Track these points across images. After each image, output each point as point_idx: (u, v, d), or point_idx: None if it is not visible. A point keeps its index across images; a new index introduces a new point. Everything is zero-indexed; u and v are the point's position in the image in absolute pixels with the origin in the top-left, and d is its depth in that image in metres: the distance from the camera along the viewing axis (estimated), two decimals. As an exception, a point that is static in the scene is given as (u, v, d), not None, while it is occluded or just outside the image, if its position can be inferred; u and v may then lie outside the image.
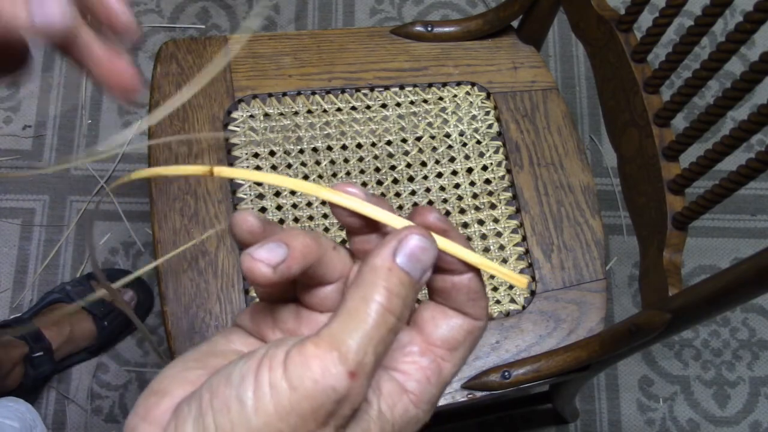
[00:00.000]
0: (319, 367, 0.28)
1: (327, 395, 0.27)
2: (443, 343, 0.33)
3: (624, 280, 1.29)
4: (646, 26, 0.73)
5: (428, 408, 0.32)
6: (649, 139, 0.73)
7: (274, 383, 0.28)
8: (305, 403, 0.27)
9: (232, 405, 0.28)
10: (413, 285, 0.30)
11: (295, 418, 0.27)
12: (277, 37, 0.89)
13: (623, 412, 1.22)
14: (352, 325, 0.29)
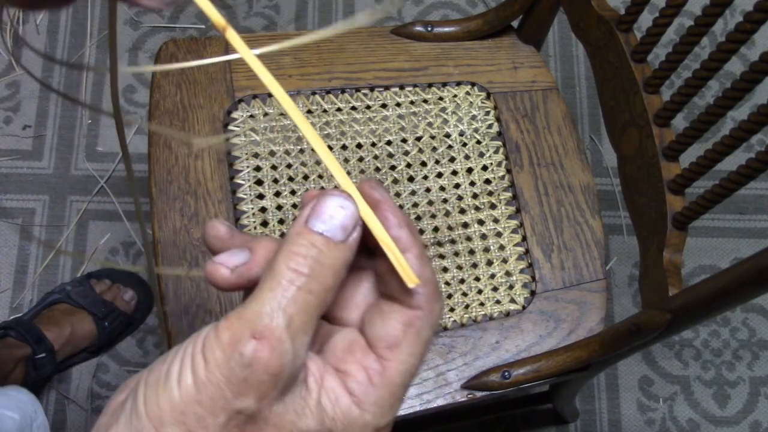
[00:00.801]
0: (227, 337, 0.28)
1: (235, 361, 0.28)
2: (382, 342, 0.31)
3: (624, 280, 1.29)
4: (646, 26, 0.73)
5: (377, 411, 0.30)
6: (649, 139, 0.73)
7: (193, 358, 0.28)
8: (217, 372, 0.28)
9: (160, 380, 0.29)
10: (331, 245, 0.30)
11: (211, 388, 0.28)
12: (277, 37, 0.89)
13: (623, 412, 1.22)
14: (259, 295, 0.29)
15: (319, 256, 0.29)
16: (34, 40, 1.38)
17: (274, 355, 0.28)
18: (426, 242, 0.82)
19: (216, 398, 0.28)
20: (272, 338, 0.28)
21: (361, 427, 0.30)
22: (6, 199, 1.29)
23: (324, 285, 0.29)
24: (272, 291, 0.29)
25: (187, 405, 0.28)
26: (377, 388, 0.30)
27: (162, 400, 0.28)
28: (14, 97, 1.35)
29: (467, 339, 0.79)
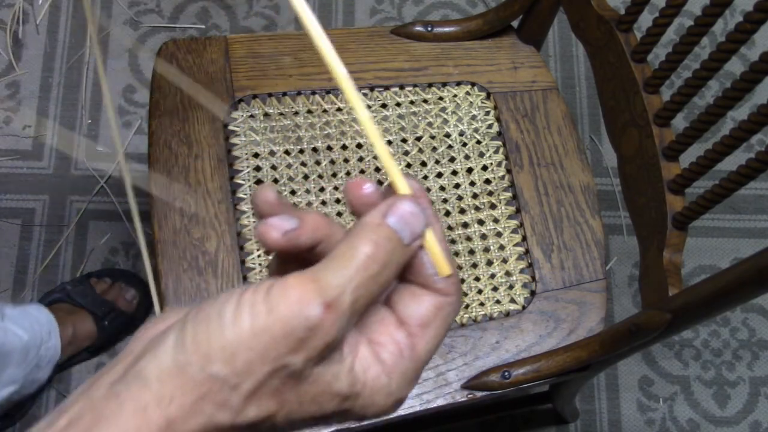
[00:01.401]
0: (297, 295, 0.29)
1: (299, 321, 0.29)
2: (414, 321, 0.34)
3: (624, 280, 1.29)
4: (646, 26, 0.73)
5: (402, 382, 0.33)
6: (649, 139, 0.73)
7: (253, 304, 0.30)
8: (279, 325, 0.29)
9: (212, 318, 0.30)
10: (400, 244, 0.32)
11: (267, 338, 0.29)
12: (277, 37, 0.89)
13: (623, 412, 1.22)
14: (335, 266, 0.31)
15: (392, 253, 0.32)
16: (34, 40, 1.38)
17: (335, 326, 0.30)
18: (426, 242, 0.82)
19: (269, 348, 0.29)
20: (339, 311, 0.30)
21: (385, 395, 0.33)
22: (6, 199, 1.29)
23: (387, 278, 0.32)
24: (347, 269, 0.31)
25: (238, 347, 0.29)
26: (405, 361, 0.33)
27: (213, 338, 0.29)
28: (14, 97, 1.35)
29: (467, 339, 0.79)
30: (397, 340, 0.34)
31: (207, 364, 0.29)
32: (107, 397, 0.30)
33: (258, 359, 0.29)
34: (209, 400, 0.30)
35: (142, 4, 1.41)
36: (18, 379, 0.95)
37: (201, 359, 0.29)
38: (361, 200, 0.35)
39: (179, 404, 0.29)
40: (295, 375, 0.30)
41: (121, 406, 0.29)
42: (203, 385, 0.30)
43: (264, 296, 0.30)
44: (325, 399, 0.32)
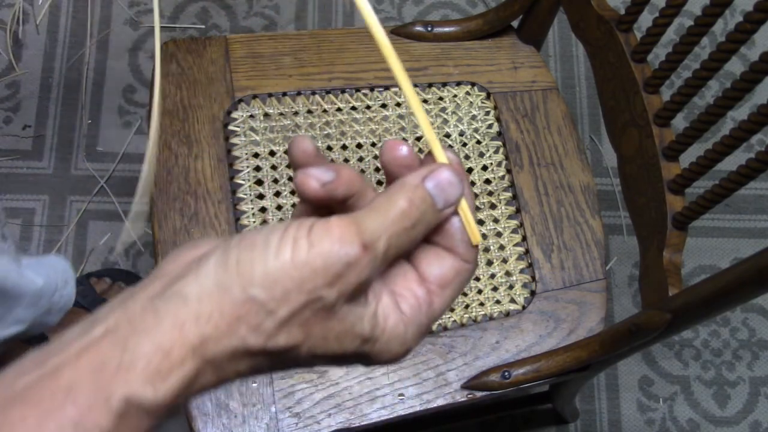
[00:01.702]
0: (338, 234, 0.32)
1: (339, 257, 0.32)
2: (435, 279, 0.36)
3: (624, 280, 1.29)
4: (646, 26, 0.73)
5: (416, 333, 0.36)
6: (649, 139, 0.73)
7: (297, 238, 0.32)
8: (319, 259, 0.31)
9: (257, 245, 0.32)
10: (433, 208, 0.35)
11: (307, 270, 0.31)
12: (277, 37, 0.89)
13: (623, 412, 1.22)
14: (374, 215, 0.33)
15: (424, 213, 0.35)
16: (34, 40, 1.38)
17: (369, 266, 0.33)
18: (426, 242, 0.82)
19: (307, 280, 0.31)
20: (374, 253, 0.33)
21: (400, 343, 0.35)
22: (6, 199, 1.29)
23: (416, 235, 0.35)
24: (385, 219, 0.33)
25: (279, 275, 0.31)
26: (422, 315, 0.36)
27: (256, 263, 0.31)
28: (14, 97, 1.35)
29: (467, 339, 0.79)
30: (417, 294, 0.36)
31: (248, 287, 0.31)
32: (145, 310, 0.31)
33: (296, 289, 0.31)
34: (245, 322, 0.31)
35: (142, 4, 1.41)
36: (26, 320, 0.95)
37: (243, 281, 0.31)
38: (396, 161, 0.37)
39: (215, 324, 0.31)
40: (326, 308, 0.32)
41: (159, 321, 0.31)
42: (242, 307, 0.31)
43: (307, 232, 0.32)
44: (347, 338, 0.34)
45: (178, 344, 0.31)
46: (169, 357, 0.31)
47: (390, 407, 0.76)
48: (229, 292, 0.31)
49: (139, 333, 0.31)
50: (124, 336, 0.31)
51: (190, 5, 1.41)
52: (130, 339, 0.31)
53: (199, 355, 0.31)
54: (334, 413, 0.75)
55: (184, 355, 0.31)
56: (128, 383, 0.30)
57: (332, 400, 0.76)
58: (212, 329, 0.31)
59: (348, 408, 0.75)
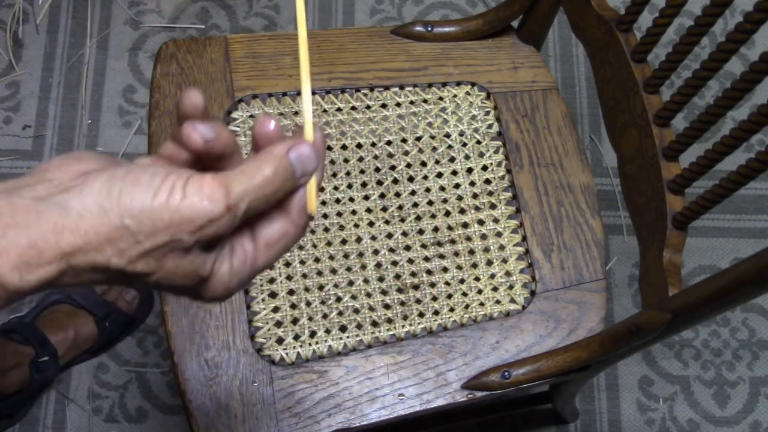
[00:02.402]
0: (208, 192, 0.37)
1: (204, 212, 0.37)
2: (263, 239, 0.42)
3: (624, 280, 1.29)
4: (646, 26, 0.73)
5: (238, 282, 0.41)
6: (649, 139, 0.73)
7: (174, 186, 0.37)
8: (188, 210, 0.37)
9: (141, 183, 0.37)
10: (292, 176, 0.41)
11: (177, 216, 0.36)
12: (277, 37, 0.89)
13: (623, 412, 1.22)
14: (242, 179, 0.38)
15: (285, 180, 0.40)
16: (34, 40, 1.38)
17: (228, 224, 0.38)
18: (426, 242, 0.82)
19: (174, 224, 0.37)
20: (235, 214, 0.38)
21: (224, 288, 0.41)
22: None
23: (273, 199, 0.40)
24: (250, 184, 0.38)
25: (152, 214, 0.36)
26: (246, 269, 0.41)
27: (136, 199, 0.36)
28: (14, 97, 1.35)
29: (467, 339, 0.79)
30: (246, 250, 0.41)
31: (125, 216, 0.36)
32: (27, 209, 0.36)
33: (163, 228, 0.36)
34: (113, 245, 0.36)
35: (142, 4, 1.41)
36: None
37: (121, 211, 0.36)
38: (263, 134, 0.42)
39: (89, 240, 0.36)
40: (182, 249, 0.38)
41: (39, 222, 0.35)
42: (115, 232, 0.36)
43: (183, 183, 0.37)
44: (190, 276, 0.39)
45: (52, 247, 0.35)
46: (40, 255, 0.35)
47: (390, 407, 0.76)
48: (107, 216, 0.36)
49: (19, 227, 0.35)
50: (4, 224, 0.35)
51: (190, 5, 1.41)
52: (11, 229, 0.35)
53: (65, 261, 0.36)
54: (334, 413, 0.75)
55: (53, 257, 0.35)
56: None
57: (332, 400, 0.76)
58: (84, 243, 0.36)
59: (348, 408, 0.76)
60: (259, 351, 0.77)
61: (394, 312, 0.80)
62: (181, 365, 0.75)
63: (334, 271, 0.80)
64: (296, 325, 0.78)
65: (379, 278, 0.81)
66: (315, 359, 0.77)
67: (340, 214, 0.83)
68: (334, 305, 0.79)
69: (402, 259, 0.81)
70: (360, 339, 0.78)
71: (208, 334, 0.77)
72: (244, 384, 0.75)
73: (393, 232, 0.82)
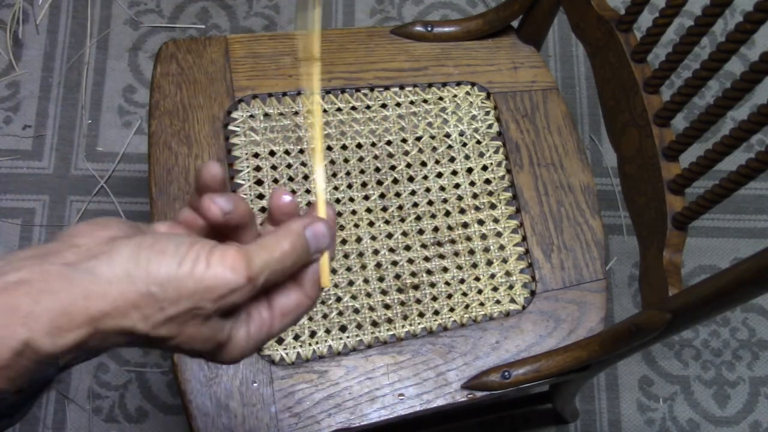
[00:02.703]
0: (231, 263, 0.39)
1: (226, 282, 0.39)
2: (279, 308, 0.44)
3: (624, 280, 1.29)
4: (646, 26, 0.73)
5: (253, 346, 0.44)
6: (649, 139, 0.73)
7: (199, 256, 0.39)
8: (212, 279, 0.39)
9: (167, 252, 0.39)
10: (307, 252, 0.43)
11: (201, 285, 0.39)
12: (277, 37, 0.89)
13: (623, 412, 1.22)
14: (262, 252, 0.41)
15: (301, 255, 0.43)
16: (34, 40, 1.38)
17: (247, 294, 0.40)
18: (426, 242, 0.82)
19: (197, 292, 0.39)
20: (254, 284, 0.40)
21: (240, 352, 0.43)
22: (6, 199, 1.29)
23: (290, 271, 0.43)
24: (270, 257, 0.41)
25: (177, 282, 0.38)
26: (262, 335, 0.44)
27: (163, 267, 0.38)
28: (14, 97, 1.35)
29: (467, 339, 0.79)
30: (263, 317, 0.44)
31: (151, 284, 0.38)
32: (59, 275, 0.37)
33: (187, 296, 0.38)
34: (139, 311, 0.38)
35: (142, 4, 1.41)
36: None
37: (148, 279, 0.38)
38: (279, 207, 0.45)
39: (116, 305, 0.38)
40: (203, 316, 0.40)
41: (70, 288, 0.37)
42: (141, 298, 0.38)
43: (207, 254, 0.39)
44: (209, 342, 0.41)
45: (82, 312, 0.37)
46: (71, 320, 0.37)
47: (390, 407, 0.76)
48: (134, 283, 0.38)
49: (51, 292, 0.37)
50: (38, 290, 0.36)
51: (190, 5, 1.41)
52: (43, 295, 0.36)
53: (94, 326, 0.37)
54: (334, 413, 0.75)
55: (83, 322, 0.37)
56: (32, 331, 0.36)
57: (332, 400, 0.76)
58: (112, 308, 0.38)
59: (348, 408, 0.76)
60: (259, 351, 0.77)
61: (394, 312, 0.80)
62: (181, 365, 0.75)
63: (333, 271, 0.80)
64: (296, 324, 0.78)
65: (379, 278, 0.81)
66: (315, 359, 0.77)
67: (340, 214, 0.83)
68: (334, 305, 0.79)
69: (402, 259, 0.81)
70: (360, 339, 0.78)
71: (208, 334, 0.76)
72: (244, 384, 0.75)
73: (393, 232, 0.82)
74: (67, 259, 0.38)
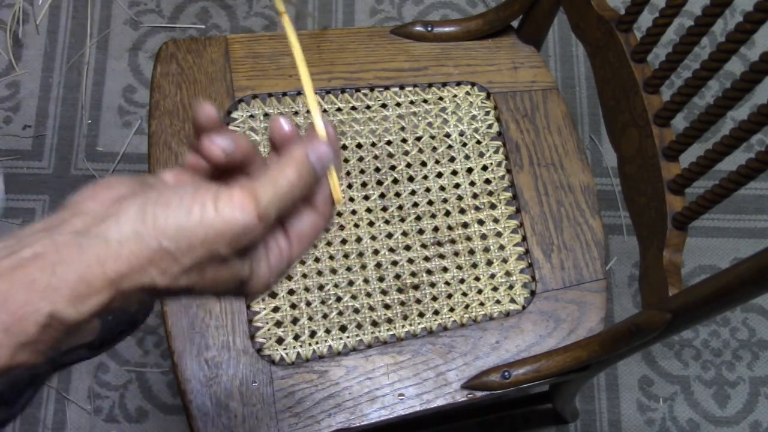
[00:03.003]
0: (239, 204, 0.39)
1: (238, 223, 0.39)
2: (295, 234, 0.44)
3: (624, 280, 1.29)
4: (646, 26, 0.73)
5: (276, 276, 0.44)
6: (649, 139, 0.73)
7: (205, 204, 0.39)
8: (222, 223, 0.38)
9: (172, 204, 0.38)
10: (314, 175, 0.43)
11: (212, 231, 0.38)
12: (277, 37, 0.89)
13: (623, 412, 1.22)
14: (269, 187, 0.40)
15: (308, 180, 0.42)
16: (34, 40, 1.38)
17: (261, 231, 0.40)
18: (426, 242, 0.82)
19: (210, 239, 0.38)
20: (266, 221, 0.40)
21: (263, 284, 0.44)
22: (6, 199, 1.29)
23: (300, 198, 0.43)
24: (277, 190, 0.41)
25: (187, 232, 0.38)
26: (282, 263, 0.44)
27: (170, 220, 0.38)
28: (14, 97, 1.35)
29: (467, 339, 0.79)
30: (281, 246, 0.44)
31: (162, 239, 0.38)
32: (70, 244, 0.37)
33: (199, 244, 0.38)
34: (155, 266, 0.38)
35: (142, 4, 1.41)
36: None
37: (158, 234, 0.38)
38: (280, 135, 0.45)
39: (131, 265, 0.38)
40: (220, 260, 0.40)
41: (83, 255, 0.37)
42: (155, 254, 0.38)
43: (213, 198, 0.39)
44: (232, 281, 0.41)
45: (99, 277, 0.37)
46: (90, 286, 0.37)
47: (390, 407, 0.76)
48: (145, 241, 0.38)
49: (66, 263, 0.37)
50: (52, 262, 0.36)
51: (190, 5, 1.41)
52: (58, 266, 0.36)
53: (114, 287, 0.38)
54: (334, 413, 0.75)
55: (102, 286, 0.37)
56: (54, 303, 0.36)
57: (332, 400, 0.76)
58: (128, 268, 0.38)
59: (348, 408, 0.76)
60: (259, 351, 0.77)
61: (394, 312, 0.80)
62: (181, 365, 0.75)
63: (334, 270, 0.80)
64: (296, 325, 0.78)
65: (379, 278, 0.81)
66: (315, 359, 0.77)
67: (340, 214, 0.83)
68: (334, 305, 0.79)
69: (402, 259, 0.81)
70: (360, 339, 0.78)
71: (208, 334, 0.76)
72: (244, 384, 0.75)
73: (393, 232, 0.82)
74: (75, 227, 0.38)
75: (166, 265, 0.38)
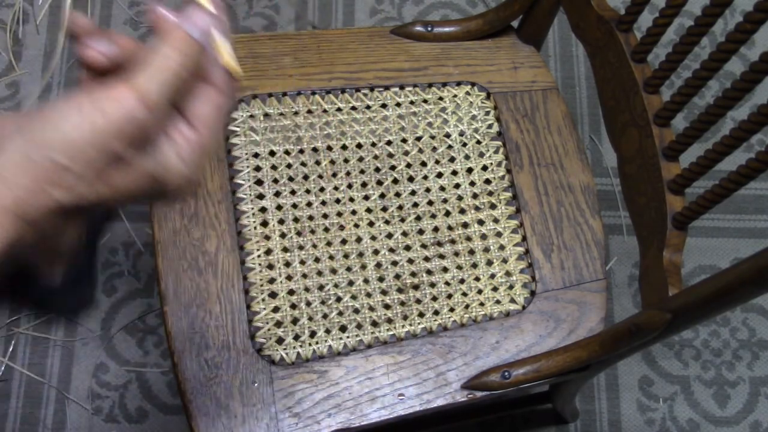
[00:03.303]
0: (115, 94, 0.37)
1: (121, 115, 0.37)
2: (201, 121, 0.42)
3: (624, 280, 1.29)
4: (646, 26, 0.73)
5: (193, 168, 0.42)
6: (649, 139, 0.73)
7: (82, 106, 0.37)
8: (105, 119, 0.37)
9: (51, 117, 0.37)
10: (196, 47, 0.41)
11: (98, 131, 0.37)
12: (277, 37, 0.89)
13: (623, 412, 1.22)
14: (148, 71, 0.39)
15: (190, 55, 0.40)
16: (34, 40, 1.38)
17: (152, 119, 0.38)
18: (426, 242, 0.82)
19: (99, 139, 0.37)
20: (152, 107, 0.38)
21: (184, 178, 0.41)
22: (6, 199, 1.29)
23: (187, 72, 0.40)
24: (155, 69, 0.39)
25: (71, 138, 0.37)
26: (195, 153, 0.42)
27: (56, 134, 0.37)
28: (14, 97, 1.35)
29: (467, 339, 0.79)
30: (185, 134, 0.41)
31: (51, 153, 0.36)
32: None
33: (89, 147, 0.37)
34: (52, 183, 0.37)
35: (142, 4, 1.41)
36: None
37: (46, 150, 0.36)
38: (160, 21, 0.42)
39: (26, 187, 0.36)
40: (118, 158, 0.38)
41: None
42: (47, 171, 0.36)
43: (89, 98, 0.37)
44: (142, 180, 0.40)
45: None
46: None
47: (390, 407, 0.76)
48: (35, 161, 0.36)
49: None
50: None
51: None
52: None
53: (18, 217, 0.36)
54: (334, 413, 0.75)
55: (4, 218, 0.36)
56: None
57: (332, 400, 0.76)
58: (24, 192, 0.36)
59: (348, 408, 0.76)
60: (259, 351, 0.77)
61: (394, 312, 0.80)
62: (181, 365, 0.75)
63: (334, 271, 0.80)
64: (296, 325, 0.78)
65: (379, 278, 0.81)
66: (315, 359, 0.77)
67: (340, 214, 0.83)
68: (334, 305, 0.79)
69: (402, 259, 0.81)
70: (360, 339, 0.78)
71: (208, 334, 0.77)
72: (244, 384, 0.75)
73: (393, 232, 0.82)
74: None
75: (65, 180, 0.37)
